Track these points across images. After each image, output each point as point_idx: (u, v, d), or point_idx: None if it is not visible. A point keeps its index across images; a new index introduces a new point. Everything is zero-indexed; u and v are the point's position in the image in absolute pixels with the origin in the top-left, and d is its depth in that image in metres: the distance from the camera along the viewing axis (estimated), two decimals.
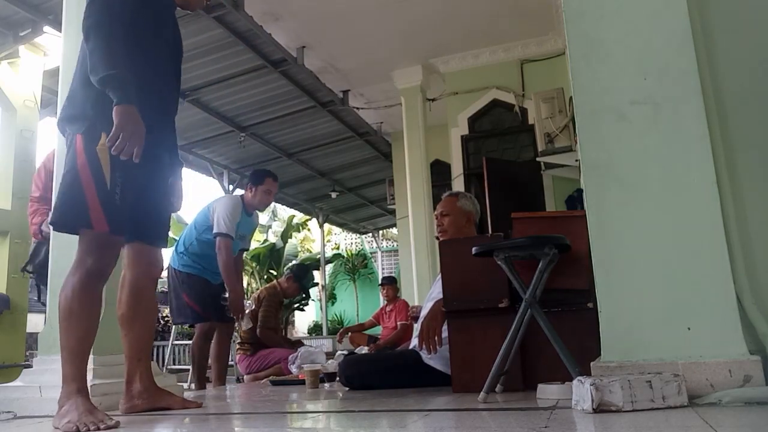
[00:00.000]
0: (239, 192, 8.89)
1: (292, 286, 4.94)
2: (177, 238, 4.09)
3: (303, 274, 5.06)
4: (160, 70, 2.10)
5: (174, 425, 1.89)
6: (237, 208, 3.91)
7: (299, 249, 16.66)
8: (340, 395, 2.62)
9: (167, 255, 4.10)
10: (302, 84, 6.46)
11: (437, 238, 2.99)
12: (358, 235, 16.66)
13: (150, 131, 1.90)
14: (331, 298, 15.70)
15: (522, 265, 2.07)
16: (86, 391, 1.85)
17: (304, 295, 12.14)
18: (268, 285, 5.18)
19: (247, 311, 4.11)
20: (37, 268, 3.08)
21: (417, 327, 2.78)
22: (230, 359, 4.79)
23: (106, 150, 1.84)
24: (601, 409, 1.44)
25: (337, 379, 3.10)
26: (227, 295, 3.88)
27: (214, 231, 3.79)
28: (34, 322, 6.42)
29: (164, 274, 4.23)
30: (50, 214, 1.99)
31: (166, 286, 4.24)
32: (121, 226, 1.93)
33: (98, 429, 1.66)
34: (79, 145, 1.89)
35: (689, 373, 1.58)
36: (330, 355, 4.84)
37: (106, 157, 1.86)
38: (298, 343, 5.06)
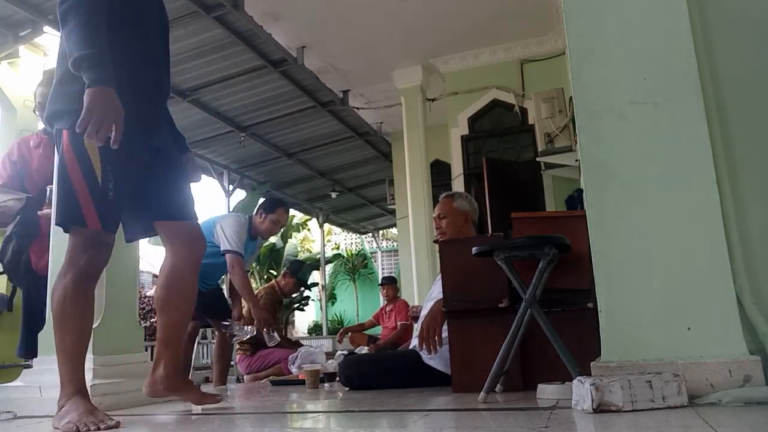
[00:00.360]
0: (240, 191, 8.95)
1: (288, 282, 4.93)
2: None
3: (297, 268, 5.05)
4: (150, 51, 2.01)
5: (174, 425, 1.89)
6: (243, 227, 3.89)
7: (299, 249, 16.67)
8: (340, 395, 2.62)
9: (160, 256, 4.10)
10: (302, 84, 6.46)
11: (435, 241, 2.98)
12: (358, 235, 16.66)
13: (143, 112, 1.82)
14: (331, 298, 15.71)
15: (522, 265, 2.07)
16: (85, 392, 1.83)
17: (304, 290, 12.16)
18: (266, 285, 5.18)
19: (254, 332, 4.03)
20: (7, 267, 3.01)
21: (417, 327, 2.78)
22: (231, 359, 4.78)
23: (95, 143, 1.75)
24: (601, 409, 1.44)
25: (337, 379, 3.10)
26: (234, 314, 3.87)
27: (223, 248, 3.75)
28: None
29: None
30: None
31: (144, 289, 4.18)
32: (115, 223, 1.88)
33: (98, 429, 1.66)
34: (65, 141, 1.82)
35: (689, 373, 1.58)
36: (330, 355, 4.84)
37: (95, 150, 1.78)
38: (297, 343, 5.06)
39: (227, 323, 3.88)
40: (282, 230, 14.44)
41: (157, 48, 2.08)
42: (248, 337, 4.03)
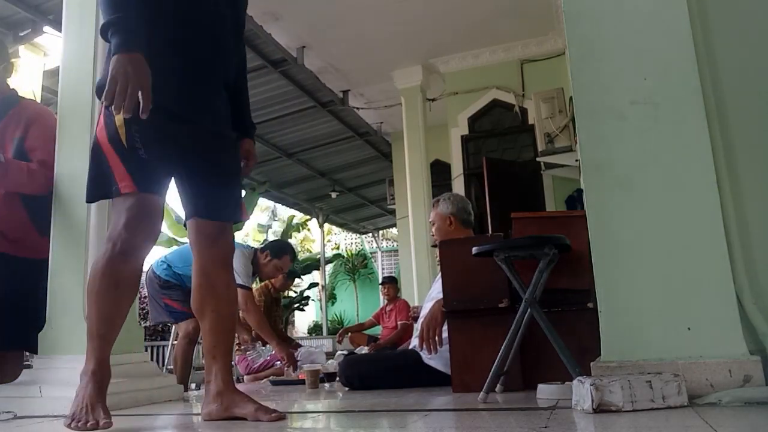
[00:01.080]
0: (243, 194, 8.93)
1: (280, 279, 4.92)
2: (171, 253, 4.02)
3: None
4: (207, 25, 1.83)
5: (174, 425, 1.89)
6: (248, 260, 3.86)
7: (299, 249, 16.66)
8: (340, 395, 2.62)
9: (153, 258, 4.04)
10: (302, 84, 6.46)
11: (434, 246, 3.02)
12: (358, 235, 16.66)
13: (187, 87, 1.71)
14: (331, 298, 15.70)
15: (522, 265, 2.07)
16: (101, 376, 1.70)
17: (304, 292, 12.15)
18: (259, 285, 5.17)
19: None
20: None
21: (417, 327, 2.78)
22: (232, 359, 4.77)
23: (123, 115, 1.59)
24: (601, 409, 1.44)
25: (337, 379, 3.10)
26: (246, 338, 3.83)
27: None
28: None
29: (144, 277, 4.11)
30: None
31: (144, 289, 4.00)
32: (151, 182, 1.71)
33: (85, 428, 1.57)
34: (102, 111, 1.71)
35: (689, 373, 1.58)
36: (330, 355, 4.83)
37: (120, 115, 1.61)
38: (296, 344, 5.05)
39: (244, 347, 3.84)
40: (283, 229, 14.45)
41: (218, 24, 1.88)
42: (269, 355, 4.02)
